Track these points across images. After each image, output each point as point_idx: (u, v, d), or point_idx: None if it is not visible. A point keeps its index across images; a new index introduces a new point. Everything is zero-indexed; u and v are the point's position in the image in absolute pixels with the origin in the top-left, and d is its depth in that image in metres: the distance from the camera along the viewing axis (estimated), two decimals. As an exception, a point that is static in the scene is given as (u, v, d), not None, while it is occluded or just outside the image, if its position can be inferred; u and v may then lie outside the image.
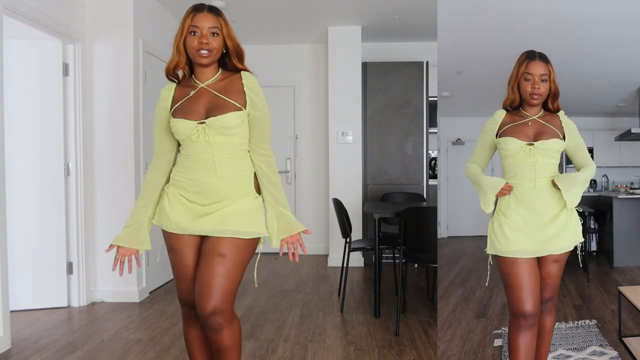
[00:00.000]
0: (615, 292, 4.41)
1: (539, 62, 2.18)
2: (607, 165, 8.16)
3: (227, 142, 1.95)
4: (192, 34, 1.92)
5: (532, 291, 2.15)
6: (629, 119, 7.71)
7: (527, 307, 2.14)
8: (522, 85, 2.20)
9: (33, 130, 3.91)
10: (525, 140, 2.18)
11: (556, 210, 2.18)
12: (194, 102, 1.96)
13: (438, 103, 6.16)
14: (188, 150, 1.97)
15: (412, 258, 3.58)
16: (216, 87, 1.97)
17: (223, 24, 1.96)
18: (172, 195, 2.00)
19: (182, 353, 3.07)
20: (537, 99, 2.18)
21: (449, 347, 3.16)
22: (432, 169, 6.49)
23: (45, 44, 3.93)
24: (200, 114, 1.94)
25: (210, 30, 1.92)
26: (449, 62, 4.63)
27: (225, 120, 1.91)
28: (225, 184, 1.95)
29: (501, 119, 2.27)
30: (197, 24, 1.92)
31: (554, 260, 2.21)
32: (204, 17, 1.93)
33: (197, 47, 1.91)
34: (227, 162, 1.96)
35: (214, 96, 1.95)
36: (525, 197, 2.18)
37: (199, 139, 1.92)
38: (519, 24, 3.93)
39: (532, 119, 2.23)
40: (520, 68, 2.20)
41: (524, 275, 2.16)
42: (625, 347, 3.06)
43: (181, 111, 1.95)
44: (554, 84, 2.21)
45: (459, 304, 4.10)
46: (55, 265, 3.99)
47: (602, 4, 3.76)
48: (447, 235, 7.51)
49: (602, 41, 4.49)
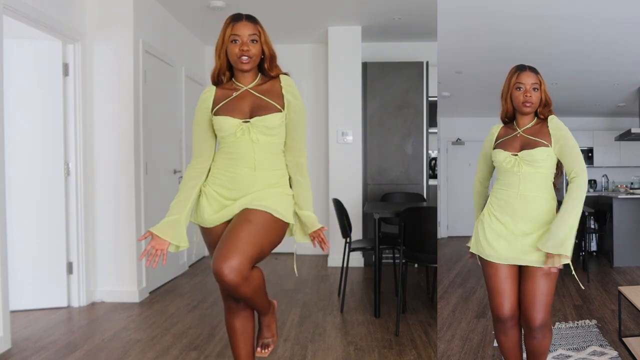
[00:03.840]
0: (615, 292, 4.41)
1: (529, 72, 2.23)
2: (607, 165, 8.16)
3: (268, 142, 2.09)
4: (233, 42, 2.07)
5: (509, 296, 2.21)
6: (629, 119, 7.71)
7: (504, 311, 2.22)
8: (514, 95, 2.24)
9: (33, 130, 3.91)
10: (511, 151, 2.24)
11: (540, 222, 2.17)
12: (238, 102, 2.10)
13: (438, 103, 6.16)
14: (229, 148, 2.10)
15: (412, 258, 3.58)
16: (258, 90, 2.12)
17: (261, 31, 2.12)
18: (209, 193, 2.12)
19: (182, 353, 3.07)
20: (529, 107, 2.21)
21: (449, 347, 3.16)
22: (432, 169, 6.49)
23: (45, 44, 3.93)
24: (245, 113, 2.08)
25: (250, 38, 2.07)
26: (449, 62, 4.63)
27: (268, 120, 2.06)
28: (262, 180, 2.08)
29: (497, 133, 2.35)
30: (238, 32, 2.07)
31: (542, 274, 2.14)
32: (243, 26, 2.08)
33: (239, 54, 2.05)
34: (267, 160, 2.09)
35: (257, 98, 2.10)
36: (509, 205, 2.23)
37: (242, 137, 2.06)
38: (519, 24, 3.92)
39: (521, 131, 2.27)
40: (511, 79, 2.25)
41: (501, 280, 2.22)
42: (625, 347, 3.06)
43: (225, 110, 2.09)
44: (544, 94, 2.25)
45: (459, 304, 4.10)
46: (55, 265, 3.99)
47: (602, 4, 3.76)
48: (447, 235, 7.51)
49: (602, 41, 4.49)
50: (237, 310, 2.19)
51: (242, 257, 1.92)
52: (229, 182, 2.09)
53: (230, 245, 1.94)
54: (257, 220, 2.01)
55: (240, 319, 2.20)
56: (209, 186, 2.14)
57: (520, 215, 2.20)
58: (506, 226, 2.22)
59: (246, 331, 2.22)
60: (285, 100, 2.11)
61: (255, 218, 2.02)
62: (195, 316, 3.82)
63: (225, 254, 1.91)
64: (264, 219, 2.03)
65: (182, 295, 4.48)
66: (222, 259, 1.91)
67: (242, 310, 2.20)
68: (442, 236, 7.35)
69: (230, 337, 2.24)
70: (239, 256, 1.91)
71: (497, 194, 2.29)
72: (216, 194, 2.11)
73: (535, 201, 2.19)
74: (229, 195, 2.09)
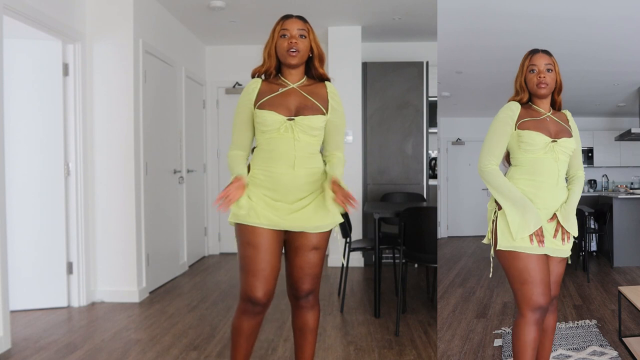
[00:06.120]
0: (615, 292, 4.42)
1: (542, 54, 2.19)
2: (607, 165, 8.16)
3: (309, 141, 2.13)
4: (283, 37, 2.13)
5: (547, 285, 2.12)
6: (629, 119, 7.72)
7: (547, 299, 2.10)
8: (529, 78, 2.18)
9: (33, 130, 3.91)
10: (547, 136, 2.13)
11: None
12: (283, 98, 2.12)
13: (438, 103, 6.16)
14: (270, 145, 2.12)
15: (412, 258, 3.59)
16: (305, 90, 2.17)
17: (310, 29, 2.18)
18: (255, 194, 2.13)
19: (182, 353, 3.07)
20: (545, 88, 2.14)
21: (449, 347, 3.16)
22: (432, 169, 6.49)
23: (45, 44, 3.93)
24: (290, 110, 2.11)
25: (299, 33, 2.13)
26: (449, 62, 4.63)
27: (313, 120, 2.10)
28: (302, 181, 2.12)
29: (518, 110, 2.17)
30: (287, 27, 2.14)
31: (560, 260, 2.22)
32: (293, 22, 2.16)
33: (287, 47, 2.11)
34: (306, 159, 2.12)
35: (304, 97, 2.14)
36: (545, 194, 2.13)
37: (285, 134, 2.09)
38: (519, 24, 3.93)
39: (548, 115, 2.19)
40: (525, 62, 2.20)
41: (541, 270, 2.10)
42: (625, 347, 3.06)
43: (270, 104, 2.11)
44: (559, 76, 2.19)
45: (459, 304, 4.10)
46: (55, 265, 4.00)
47: (602, 4, 3.76)
48: (447, 235, 7.52)
49: (602, 41, 4.49)
50: (253, 313, 2.15)
51: (317, 280, 2.22)
52: (269, 183, 2.11)
53: (308, 276, 2.19)
54: (321, 245, 2.18)
55: (251, 321, 2.17)
56: (251, 187, 2.14)
57: (556, 205, 2.14)
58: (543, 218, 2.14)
59: (252, 335, 2.19)
60: (330, 106, 2.16)
61: (319, 243, 2.18)
62: (195, 316, 3.82)
63: (305, 282, 2.19)
64: (324, 239, 2.19)
65: (182, 295, 4.48)
66: (303, 284, 2.19)
67: (257, 315, 2.17)
68: (442, 236, 7.36)
69: (233, 337, 2.20)
70: (315, 280, 2.21)
71: (521, 184, 2.15)
72: (268, 199, 2.12)
73: (564, 191, 2.18)
74: (280, 198, 2.12)
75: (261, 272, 2.10)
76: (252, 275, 2.10)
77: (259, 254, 2.10)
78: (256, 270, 2.10)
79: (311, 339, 2.29)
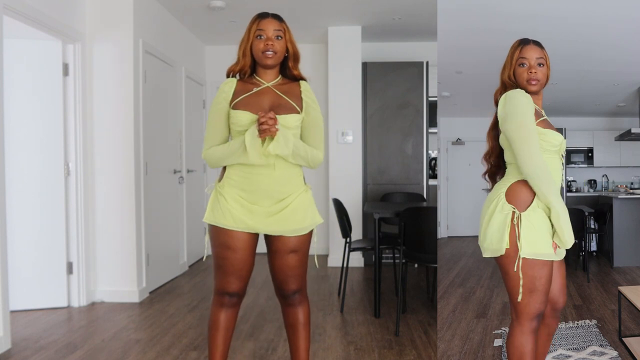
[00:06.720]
0: (615, 292, 4.42)
1: (533, 46, 2.03)
2: (607, 165, 8.17)
3: None
4: (259, 37, 2.10)
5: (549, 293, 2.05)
6: (629, 119, 7.72)
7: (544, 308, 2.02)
8: (518, 72, 2.01)
9: (33, 130, 3.91)
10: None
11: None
12: (258, 98, 2.10)
13: (438, 103, 6.17)
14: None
15: (412, 258, 3.59)
16: (280, 89, 2.14)
17: (286, 29, 2.15)
18: (230, 195, 2.11)
19: (182, 353, 3.07)
20: (536, 85, 1.99)
21: (449, 347, 3.16)
22: (432, 169, 6.49)
23: (45, 44, 3.93)
24: (264, 110, 2.06)
25: (275, 34, 2.11)
26: (449, 62, 4.64)
27: (288, 120, 2.07)
28: (281, 182, 2.10)
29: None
30: (263, 27, 2.11)
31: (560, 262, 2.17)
32: (269, 22, 2.12)
33: (263, 49, 2.08)
34: (284, 160, 2.09)
35: (278, 96, 2.12)
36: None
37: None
38: (519, 24, 3.93)
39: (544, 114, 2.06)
40: (514, 54, 2.03)
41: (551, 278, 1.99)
42: (625, 347, 3.06)
43: (244, 104, 2.08)
44: (549, 71, 2.04)
45: (459, 304, 4.10)
46: (55, 265, 3.99)
47: (601, 4, 3.76)
48: (447, 235, 7.53)
49: (602, 41, 4.49)
50: (229, 305, 2.18)
51: (300, 279, 2.22)
52: (246, 184, 2.09)
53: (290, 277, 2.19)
54: (299, 247, 2.18)
55: (228, 313, 2.19)
56: (227, 188, 2.11)
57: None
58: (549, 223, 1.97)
59: (229, 329, 2.21)
60: (304, 103, 2.14)
61: (297, 246, 2.17)
62: (195, 316, 3.82)
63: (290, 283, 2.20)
64: (303, 242, 2.18)
65: (182, 295, 4.48)
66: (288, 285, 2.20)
67: (234, 307, 2.20)
68: (442, 236, 7.37)
69: (210, 331, 2.21)
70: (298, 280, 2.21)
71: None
72: (244, 201, 2.10)
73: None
74: (256, 201, 2.10)
75: (238, 272, 2.14)
76: (230, 274, 2.14)
77: (235, 256, 2.12)
78: (233, 270, 2.14)
79: (304, 334, 2.28)
